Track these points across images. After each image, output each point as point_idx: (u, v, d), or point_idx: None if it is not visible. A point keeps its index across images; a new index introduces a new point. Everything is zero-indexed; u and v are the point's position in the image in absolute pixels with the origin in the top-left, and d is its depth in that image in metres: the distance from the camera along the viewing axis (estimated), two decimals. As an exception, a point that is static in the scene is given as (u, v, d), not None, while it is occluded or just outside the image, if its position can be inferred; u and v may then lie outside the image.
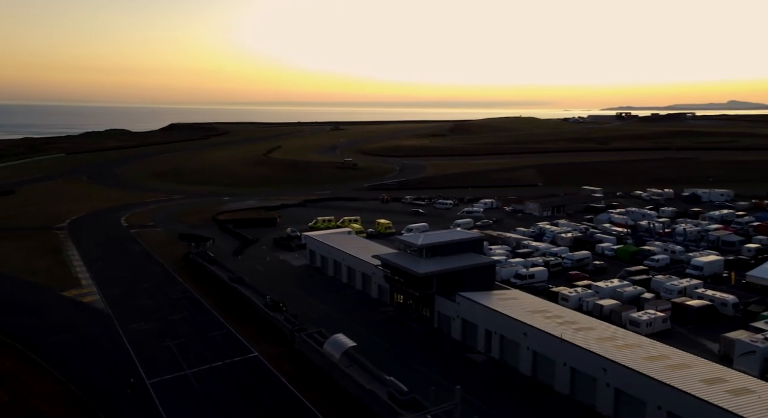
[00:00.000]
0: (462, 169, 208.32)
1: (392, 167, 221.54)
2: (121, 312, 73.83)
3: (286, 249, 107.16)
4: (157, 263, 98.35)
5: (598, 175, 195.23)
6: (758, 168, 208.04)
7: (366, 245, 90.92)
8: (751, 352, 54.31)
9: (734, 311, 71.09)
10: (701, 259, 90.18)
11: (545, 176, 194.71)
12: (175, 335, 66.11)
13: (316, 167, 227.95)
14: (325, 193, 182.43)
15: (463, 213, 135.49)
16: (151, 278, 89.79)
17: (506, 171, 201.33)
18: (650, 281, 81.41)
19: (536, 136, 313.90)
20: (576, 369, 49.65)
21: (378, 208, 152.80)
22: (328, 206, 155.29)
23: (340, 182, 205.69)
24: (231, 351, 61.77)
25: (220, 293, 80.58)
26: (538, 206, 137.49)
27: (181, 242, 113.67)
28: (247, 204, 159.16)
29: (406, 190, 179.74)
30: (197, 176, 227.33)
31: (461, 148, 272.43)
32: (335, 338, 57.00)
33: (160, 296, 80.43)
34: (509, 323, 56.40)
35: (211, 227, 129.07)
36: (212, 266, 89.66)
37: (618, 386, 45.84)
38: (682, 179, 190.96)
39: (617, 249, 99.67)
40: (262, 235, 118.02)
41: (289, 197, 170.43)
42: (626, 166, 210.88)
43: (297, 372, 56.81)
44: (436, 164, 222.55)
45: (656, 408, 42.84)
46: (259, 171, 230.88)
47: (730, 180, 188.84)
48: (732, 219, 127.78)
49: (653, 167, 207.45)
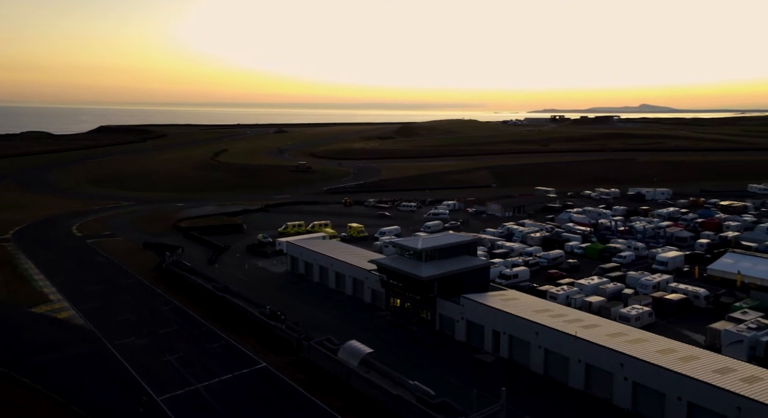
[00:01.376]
0: (416, 171, 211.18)
1: (347, 170, 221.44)
2: (106, 328, 70.37)
3: (261, 256, 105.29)
4: (127, 275, 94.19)
5: (546, 176, 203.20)
6: (686, 168, 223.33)
7: (351, 250, 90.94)
8: (739, 341, 58.73)
9: (706, 303, 76.43)
10: (665, 255, 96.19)
11: (497, 177, 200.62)
12: (172, 349, 63.81)
13: (269, 171, 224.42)
14: (284, 197, 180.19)
15: (430, 215, 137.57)
16: (127, 290, 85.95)
17: (460, 173, 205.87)
18: (625, 277, 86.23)
19: (482, 138, 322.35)
20: (591, 365, 52.01)
21: (341, 211, 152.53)
22: (291, 211, 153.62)
23: (295, 186, 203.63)
24: (237, 363, 60.37)
25: (207, 303, 78.30)
26: (500, 207, 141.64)
27: (148, 252, 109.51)
28: (206, 210, 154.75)
29: (365, 193, 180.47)
30: (141, 182, 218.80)
31: (412, 151, 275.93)
32: (350, 345, 56.96)
33: (144, 309, 77.22)
34: (519, 323, 58.26)
35: (174, 234, 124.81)
36: (192, 275, 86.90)
37: (636, 379, 48.45)
38: (622, 179, 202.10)
39: (586, 247, 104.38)
40: (230, 242, 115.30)
41: (247, 202, 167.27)
42: (570, 167, 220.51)
43: (312, 381, 56.26)
44: (390, 167, 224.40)
45: (676, 399, 45.65)
46: (208, 175, 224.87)
47: (663, 179, 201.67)
48: (678, 216, 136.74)
49: (595, 168, 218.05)
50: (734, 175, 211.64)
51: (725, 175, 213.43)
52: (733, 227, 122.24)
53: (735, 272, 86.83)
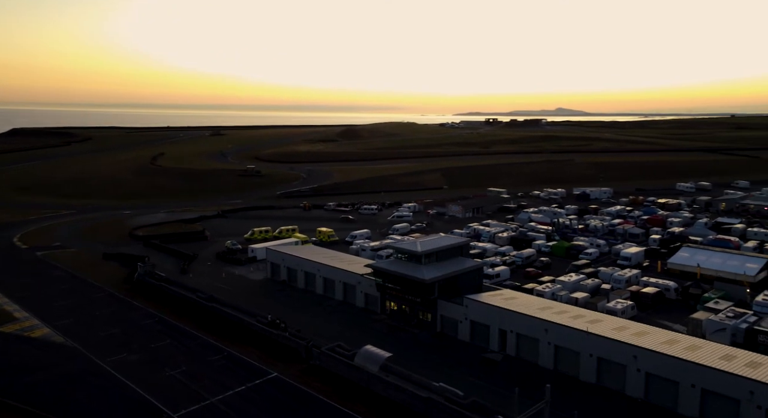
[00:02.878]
0: (369, 174, 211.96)
1: (298, 174, 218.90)
2: (91, 344, 66.56)
3: (234, 263, 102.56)
4: (95, 288, 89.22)
5: (493, 177, 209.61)
6: (617, 168, 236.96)
7: (335, 255, 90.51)
8: (722, 329, 63.63)
9: (676, 295, 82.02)
10: (628, 250, 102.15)
11: (448, 179, 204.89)
12: (172, 364, 61.29)
13: (215, 175, 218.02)
14: (237, 202, 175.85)
15: (394, 217, 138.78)
16: (100, 304, 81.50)
17: (411, 175, 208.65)
18: (597, 273, 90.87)
19: (425, 141, 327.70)
20: (603, 358, 54.76)
21: (301, 216, 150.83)
22: (249, 216, 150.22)
23: (246, 191, 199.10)
24: (247, 374, 58.88)
25: (194, 314, 75.52)
26: (460, 208, 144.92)
27: (110, 263, 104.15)
28: (158, 217, 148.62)
29: (320, 197, 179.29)
30: (76, 189, 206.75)
31: (359, 153, 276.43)
32: (367, 350, 56.97)
33: (126, 324, 73.55)
34: (528, 321, 60.35)
35: (132, 244, 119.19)
36: (172, 286, 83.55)
37: (649, 370, 51.51)
38: (562, 179, 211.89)
39: (552, 246, 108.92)
40: (195, 250, 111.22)
41: (200, 208, 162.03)
42: (514, 168, 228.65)
43: (330, 388, 55.77)
44: (341, 170, 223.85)
45: (690, 386, 49.00)
46: (150, 181, 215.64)
47: (598, 179, 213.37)
48: (624, 214, 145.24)
49: (537, 169, 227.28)
50: (660, 175, 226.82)
51: (652, 174, 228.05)
52: (676, 223, 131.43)
53: (693, 265, 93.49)
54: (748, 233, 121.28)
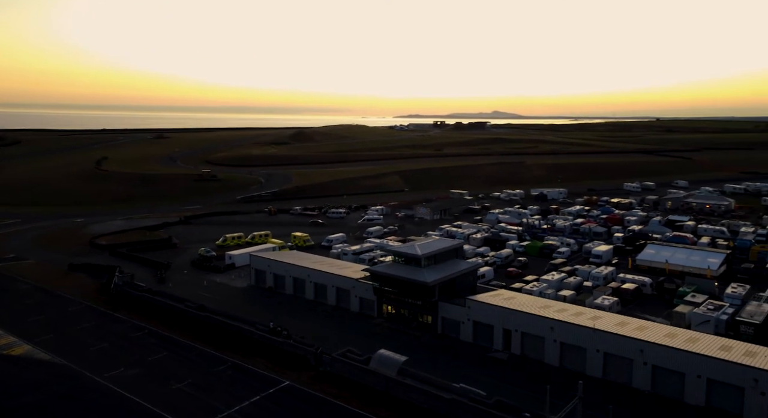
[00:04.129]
0: (328, 177, 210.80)
1: (256, 178, 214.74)
2: (82, 360, 63.28)
3: (212, 271, 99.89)
4: (68, 301, 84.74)
5: (451, 179, 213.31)
6: (566, 169, 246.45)
7: (323, 260, 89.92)
8: (707, 321, 67.76)
9: (651, 290, 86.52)
10: (599, 249, 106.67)
11: (408, 182, 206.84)
12: (177, 376, 59.25)
13: (169, 180, 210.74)
14: (196, 208, 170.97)
15: (365, 221, 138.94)
16: (80, 317, 77.58)
17: (372, 178, 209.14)
18: (576, 271, 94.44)
19: (378, 144, 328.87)
20: (609, 353, 57.21)
21: (267, 221, 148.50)
22: (213, 222, 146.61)
23: (202, 196, 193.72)
24: (258, 384, 57.70)
25: (185, 325, 73.15)
26: (428, 210, 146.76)
27: (77, 274, 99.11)
28: (116, 225, 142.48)
29: (282, 201, 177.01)
30: (14, 196, 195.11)
31: (315, 156, 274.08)
32: (382, 354, 57.12)
33: (115, 337, 70.41)
34: (533, 320, 62.19)
35: (96, 253, 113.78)
36: (157, 296, 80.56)
37: (656, 363, 54.25)
38: (517, 180, 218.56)
39: (526, 245, 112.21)
40: (166, 258, 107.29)
41: (160, 215, 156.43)
42: (471, 169, 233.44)
43: (346, 394, 55.48)
44: (300, 173, 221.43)
45: (696, 377, 52.01)
46: (98, 187, 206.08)
47: (551, 180, 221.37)
48: (584, 214, 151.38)
49: (492, 171, 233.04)
50: (606, 175, 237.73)
51: (598, 175, 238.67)
52: (633, 222, 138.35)
53: (660, 262, 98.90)
54: (698, 230, 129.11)
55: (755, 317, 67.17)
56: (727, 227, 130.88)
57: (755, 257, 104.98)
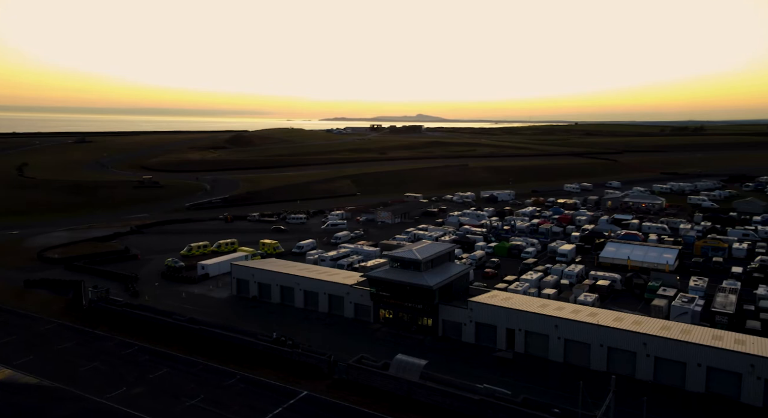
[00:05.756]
0: (278, 182, 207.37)
1: (200, 184, 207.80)
2: (76, 382, 59.70)
3: (185, 282, 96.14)
4: (36, 319, 79.17)
5: (401, 182, 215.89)
6: (508, 171, 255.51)
7: (308, 267, 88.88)
8: (685, 313, 72.97)
9: (621, 285, 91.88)
10: (564, 248, 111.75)
11: (360, 186, 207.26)
12: (187, 393, 57.06)
13: (106, 188, 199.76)
14: (142, 216, 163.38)
15: (329, 226, 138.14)
16: (57, 337, 72.81)
17: (323, 182, 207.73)
18: (549, 270, 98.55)
19: (320, 147, 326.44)
20: (613, 348, 60.52)
21: (224, 228, 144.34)
22: (168, 231, 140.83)
23: (145, 203, 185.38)
24: (276, 395, 56.61)
25: (177, 338, 70.28)
26: (390, 214, 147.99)
27: (35, 291, 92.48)
28: (62, 237, 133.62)
29: (234, 208, 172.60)
30: None
31: (259, 161, 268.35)
32: (402, 359, 57.56)
33: (102, 355, 66.67)
34: (537, 319, 64.65)
35: (48, 267, 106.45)
36: (142, 311, 76.78)
37: (658, 354, 57.95)
38: (465, 182, 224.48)
39: (495, 246, 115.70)
40: (125, 270, 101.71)
41: (104, 225, 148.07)
42: (419, 172, 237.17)
43: (369, 400, 55.56)
44: (247, 178, 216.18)
45: (696, 366, 56.12)
46: (24, 195, 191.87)
47: (496, 182, 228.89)
48: (537, 215, 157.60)
49: (439, 173, 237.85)
50: (545, 177, 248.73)
51: (538, 176, 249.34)
52: (584, 221, 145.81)
53: (621, 258, 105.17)
54: (643, 227, 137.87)
55: (727, 307, 73.12)
56: (667, 223, 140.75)
57: (699, 251, 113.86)
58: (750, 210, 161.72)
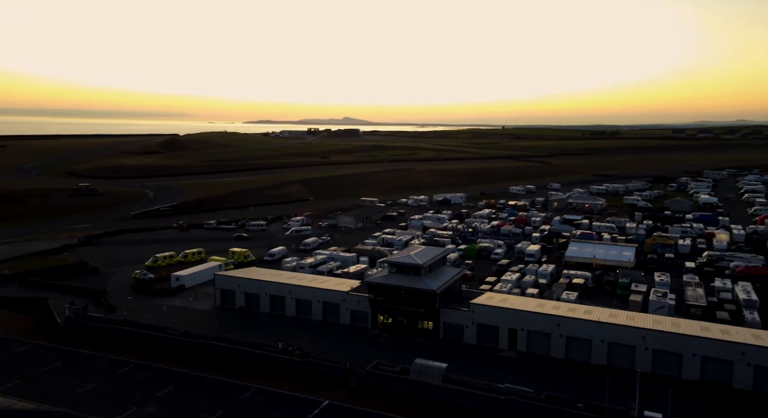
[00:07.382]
0: (226, 188, 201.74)
1: (143, 191, 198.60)
2: (79, 405, 56.22)
3: (160, 295, 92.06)
4: (5, 341, 73.32)
5: (352, 186, 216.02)
6: (453, 174, 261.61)
7: (294, 275, 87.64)
8: (662, 307, 78.19)
9: (593, 283, 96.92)
10: (531, 248, 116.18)
11: (311, 190, 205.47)
12: (204, 409, 55.12)
13: (38, 196, 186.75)
14: (85, 226, 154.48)
15: (293, 232, 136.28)
16: (37, 358, 68.02)
17: (273, 188, 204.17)
18: (523, 270, 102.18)
19: (262, 152, 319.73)
20: (613, 343, 64.06)
21: (180, 237, 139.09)
22: (120, 242, 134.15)
23: (83, 212, 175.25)
24: (297, 407, 55.77)
25: (173, 353, 67.44)
26: (352, 219, 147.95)
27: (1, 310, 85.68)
28: (2, 250, 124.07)
29: (183, 215, 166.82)
30: None
31: (200, 166, 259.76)
32: (422, 363, 58.28)
33: (97, 376, 63.03)
34: (540, 318, 67.32)
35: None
36: (126, 327, 72.97)
37: (656, 347, 61.98)
38: (414, 186, 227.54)
39: (465, 249, 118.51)
40: (93, 285, 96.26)
41: (49, 236, 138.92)
42: (367, 177, 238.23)
43: (393, 406, 55.88)
44: (192, 185, 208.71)
45: (691, 356, 60.52)
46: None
47: (442, 185, 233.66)
48: (493, 217, 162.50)
49: (388, 177, 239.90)
50: (488, 179, 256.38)
51: (482, 179, 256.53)
52: (539, 222, 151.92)
53: (586, 257, 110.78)
54: (593, 227, 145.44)
55: (700, 300, 79.06)
56: (613, 223, 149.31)
57: (649, 249, 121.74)
58: (681, 209, 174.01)
